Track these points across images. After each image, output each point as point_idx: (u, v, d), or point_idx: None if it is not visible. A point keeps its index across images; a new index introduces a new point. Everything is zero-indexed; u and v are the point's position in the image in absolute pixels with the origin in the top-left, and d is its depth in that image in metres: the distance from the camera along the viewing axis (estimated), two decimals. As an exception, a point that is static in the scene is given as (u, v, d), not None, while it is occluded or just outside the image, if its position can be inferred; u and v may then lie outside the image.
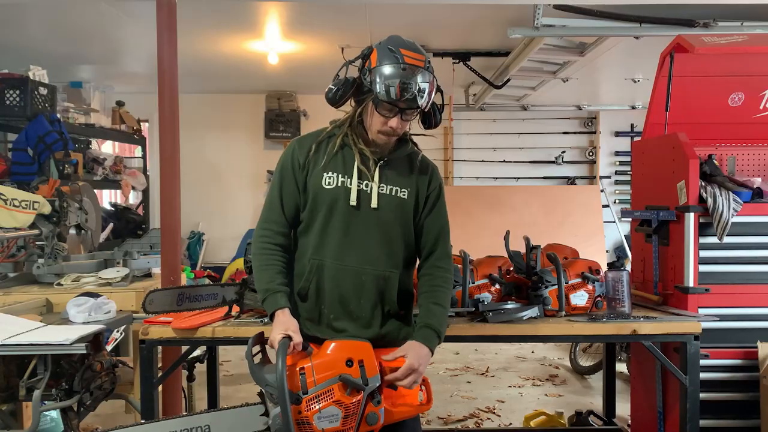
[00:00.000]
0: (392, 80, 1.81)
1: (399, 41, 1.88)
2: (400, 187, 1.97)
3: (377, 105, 1.86)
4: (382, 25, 4.94)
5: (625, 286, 2.62)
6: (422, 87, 1.83)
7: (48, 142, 4.84)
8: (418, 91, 1.83)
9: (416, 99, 1.83)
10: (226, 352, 5.50)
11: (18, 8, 4.45)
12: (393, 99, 1.82)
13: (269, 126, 8.03)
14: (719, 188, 2.78)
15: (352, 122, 1.96)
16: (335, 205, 1.92)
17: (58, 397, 2.39)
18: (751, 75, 3.15)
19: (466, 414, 4.17)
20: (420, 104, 1.85)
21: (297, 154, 1.97)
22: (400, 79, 1.81)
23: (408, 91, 1.82)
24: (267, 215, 1.99)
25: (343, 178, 1.93)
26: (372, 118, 1.89)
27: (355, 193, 1.92)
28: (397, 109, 1.85)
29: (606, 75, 6.51)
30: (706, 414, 2.70)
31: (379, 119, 1.88)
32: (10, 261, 3.42)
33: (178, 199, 3.22)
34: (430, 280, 2.01)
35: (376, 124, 1.89)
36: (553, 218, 7.15)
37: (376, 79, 1.83)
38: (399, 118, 1.87)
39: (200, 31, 5.12)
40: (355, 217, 1.93)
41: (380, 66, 1.83)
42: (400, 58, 1.83)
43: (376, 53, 1.87)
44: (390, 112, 1.86)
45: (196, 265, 7.82)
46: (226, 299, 2.56)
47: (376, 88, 1.83)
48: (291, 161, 1.97)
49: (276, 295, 1.88)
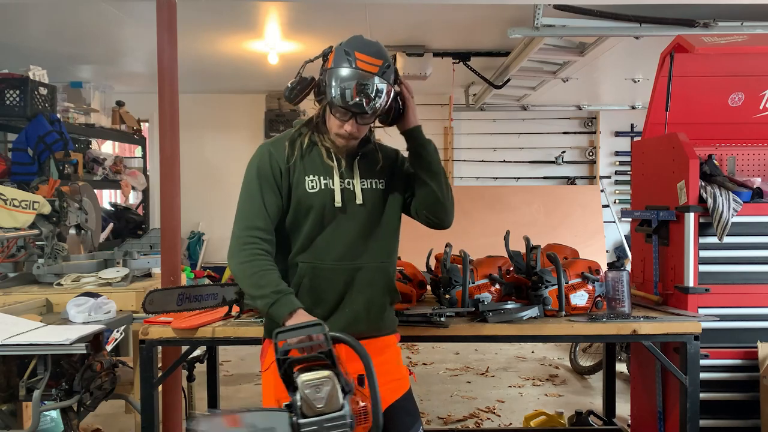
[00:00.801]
0: (343, 84, 1.77)
1: (357, 43, 1.83)
2: (378, 179, 1.99)
3: (331, 108, 1.84)
4: (382, 25, 4.94)
5: (625, 286, 2.62)
6: (369, 93, 1.77)
7: (48, 142, 4.84)
8: (367, 97, 1.77)
9: (363, 105, 1.78)
10: (226, 352, 5.50)
11: (18, 8, 4.45)
12: (343, 103, 1.79)
13: (269, 126, 8.03)
14: (719, 188, 2.78)
15: (317, 122, 1.93)
16: (323, 209, 1.91)
17: (58, 397, 2.39)
18: (751, 75, 3.15)
19: (466, 414, 4.17)
20: (368, 110, 1.79)
21: (276, 160, 1.91)
22: (350, 84, 1.77)
23: (358, 96, 1.77)
24: (250, 221, 1.90)
25: (326, 180, 1.92)
26: (329, 120, 1.88)
27: (339, 194, 1.91)
28: (350, 113, 1.82)
29: (606, 75, 6.51)
30: (706, 414, 2.70)
31: (335, 122, 1.86)
32: (10, 261, 3.42)
33: (178, 199, 3.22)
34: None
35: (332, 127, 1.88)
36: (553, 218, 7.15)
37: (329, 81, 1.80)
38: (354, 122, 1.83)
39: (200, 31, 5.12)
40: (342, 217, 1.93)
41: (334, 68, 1.80)
42: (353, 61, 1.78)
43: (333, 54, 1.83)
44: (344, 115, 1.83)
45: (196, 265, 7.82)
46: (226, 299, 2.56)
47: (330, 91, 1.80)
48: (270, 167, 1.91)
49: (290, 296, 1.82)
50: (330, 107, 1.84)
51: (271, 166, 1.91)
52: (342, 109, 1.81)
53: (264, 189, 1.91)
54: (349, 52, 1.80)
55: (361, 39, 1.85)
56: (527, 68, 5.64)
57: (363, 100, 1.77)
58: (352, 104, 1.78)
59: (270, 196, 1.91)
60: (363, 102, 1.78)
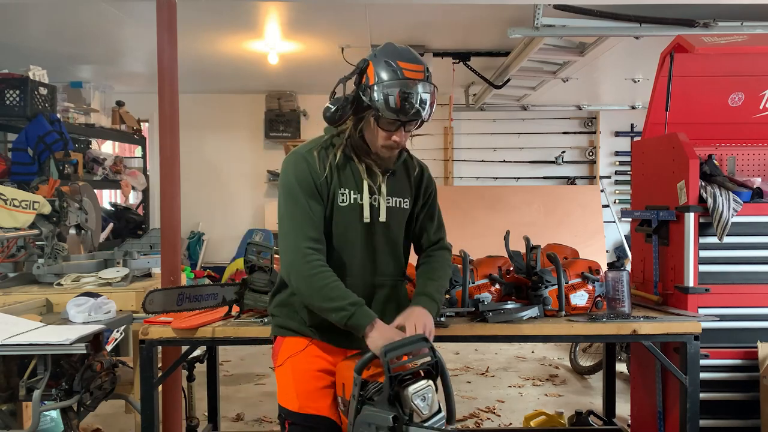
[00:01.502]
0: (394, 96, 1.77)
1: (395, 52, 1.84)
2: (403, 198, 2.00)
3: (379, 120, 1.83)
4: (382, 25, 4.94)
5: (625, 286, 2.62)
6: (424, 99, 1.80)
7: (48, 142, 4.84)
8: (421, 104, 1.79)
9: (419, 112, 1.80)
10: (226, 352, 5.50)
11: (18, 8, 4.45)
12: (396, 115, 1.79)
13: (269, 126, 8.03)
14: (719, 188, 2.78)
15: (352, 136, 1.91)
16: (351, 223, 1.92)
17: (58, 397, 2.39)
18: (751, 75, 3.15)
19: (466, 414, 4.17)
20: (423, 117, 1.82)
21: (315, 170, 1.88)
22: (402, 94, 1.77)
23: (411, 105, 1.78)
24: (305, 232, 1.86)
25: (355, 195, 1.92)
26: (374, 132, 1.87)
27: (368, 210, 1.92)
28: (399, 122, 1.83)
29: (606, 75, 6.51)
30: (706, 414, 2.70)
31: (382, 134, 1.85)
32: (10, 261, 3.42)
33: (178, 199, 3.22)
34: (428, 263, 2.07)
35: (379, 139, 1.87)
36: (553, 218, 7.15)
37: (376, 96, 1.79)
38: (402, 130, 1.85)
39: (200, 31, 5.12)
40: (367, 233, 1.94)
41: (380, 82, 1.79)
42: (399, 72, 1.79)
43: (372, 67, 1.82)
44: (392, 125, 1.83)
45: (196, 265, 7.82)
46: (226, 299, 2.57)
47: (378, 104, 1.79)
48: (310, 176, 1.88)
49: (364, 308, 1.82)
50: (377, 120, 1.83)
51: (311, 175, 1.89)
52: (394, 120, 1.81)
53: (309, 198, 1.88)
54: (391, 63, 1.80)
55: (395, 47, 1.86)
56: (527, 68, 5.65)
57: (418, 107, 1.79)
58: (412, 113, 1.79)
59: (315, 205, 1.89)
60: (419, 109, 1.79)
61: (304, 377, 1.93)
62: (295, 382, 1.94)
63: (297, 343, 1.96)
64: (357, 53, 5.57)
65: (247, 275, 2.54)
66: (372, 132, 1.87)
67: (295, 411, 1.91)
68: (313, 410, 1.90)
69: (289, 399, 1.94)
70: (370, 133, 1.88)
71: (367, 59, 1.86)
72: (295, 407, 1.92)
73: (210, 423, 3.24)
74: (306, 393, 1.92)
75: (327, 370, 1.94)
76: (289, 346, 1.97)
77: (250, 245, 2.57)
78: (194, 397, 3.24)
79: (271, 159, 8.23)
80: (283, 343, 1.99)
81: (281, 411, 1.96)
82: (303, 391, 1.92)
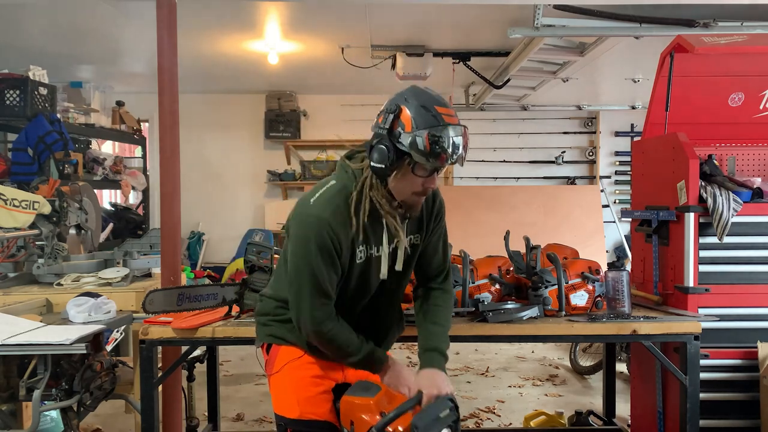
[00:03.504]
0: (438, 143, 1.68)
1: (427, 97, 1.74)
2: (414, 234, 1.94)
3: (416, 168, 1.73)
4: (382, 25, 4.94)
5: (625, 286, 2.62)
6: (462, 143, 1.73)
7: (48, 142, 4.84)
8: (461, 149, 1.73)
9: (460, 156, 1.73)
10: (226, 352, 5.50)
11: (18, 8, 4.45)
12: (437, 161, 1.70)
13: (269, 126, 8.03)
14: (719, 188, 2.78)
15: (370, 182, 1.80)
16: (362, 279, 1.87)
17: (58, 397, 2.39)
18: (751, 75, 3.15)
19: (466, 414, 4.17)
20: (464, 157, 1.75)
21: (338, 234, 1.77)
22: (446, 140, 1.69)
23: (454, 151, 1.70)
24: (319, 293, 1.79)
25: (371, 250, 1.85)
26: (408, 180, 1.76)
27: (386, 267, 1.86)
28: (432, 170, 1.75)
29: (606, 75, 6.51)
30: (706, 414, 2.69)
31: (416, 181, 1.76)
32: (10, 261, 3.42)
33: (178, 199, 3.22)
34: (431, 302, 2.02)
35: (412, 186, 1.77)
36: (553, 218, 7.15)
37: (417, 143, 1.68)
38: (435, 176, 1.77)
39: (200, 31, 5.12)
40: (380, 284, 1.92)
41: (418, 128, 1.69)
42: (440, 119, 1.70)
43: (407, 112, 1.72)
44: (427, 171, 1.75)
45: (196, 265, 7.82)
46: (226, 299, 2.56)
47: (419, 151, 1.69)
48: (332, 245, 1.76)
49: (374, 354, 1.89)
50: (414, 168, 1.73)
51: (332, 243, 1.77)
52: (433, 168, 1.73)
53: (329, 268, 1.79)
54: (429, 108, 1.71)
55: (423, 91, 1.77)
56: (527, 68, 5.64)
57: (460, 152, 1.73)
58: (454, 159, 1.71)
59: (333, 275, 1.80)
60: (461, 154, 1.73)
61: (302, 383, 1.92)
62: (294, 389, 1.92)
63: (293, 352, 1.94)
64: (357, 53, 5.58)
65: (247, 275, 2.54)
66: (404, 180, 1.77)
67: (296, 418, 1.90)
68: (314, 416, 1.90)
69: (288, 406, 1.92)
70: (400, 181, 1.77)
71: (398, 103, 1.74)
72: (295, 414, 1.90)
73: (210, 423, 3.24)
74: (306, 399, 1.91)
75: (323, 375, 1.94)
76: (286, 353, 1.95)
77: (250, 245, 2.57)
78: (194, 397, 3.24)
79: (271, 159, 8.23)
80: (279, 351, 1.97)
81: (280, 420, 1.93)
82: (303, 397, 1.91)
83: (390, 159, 1.73)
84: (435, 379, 1.83)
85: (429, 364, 1.88)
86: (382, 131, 1.74)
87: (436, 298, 2.02)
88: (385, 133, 1.73)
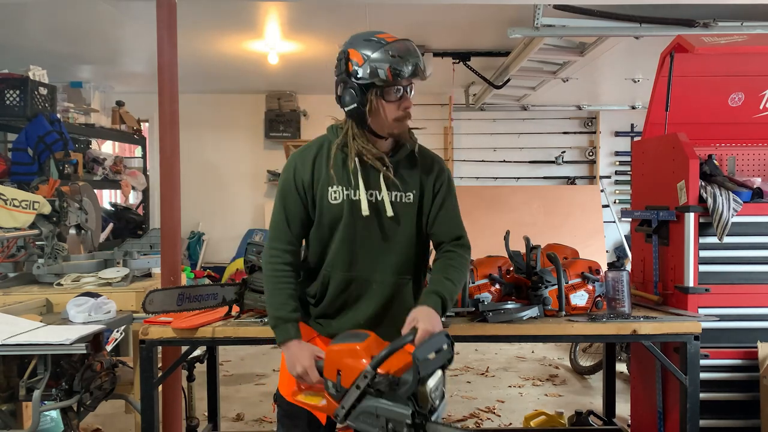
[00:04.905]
0: (390, 61, 1.78)
1: (366, 32, 1.86)
2: (405, 192, 1.95)
3: (385, 94, 1.82)
4: (382, 25, 4.91)
5: (625, 286, 2.62)
6: (416, 54, 1.82)
7: (48, 142, 4.84)
8: (418, 57, 1.82)
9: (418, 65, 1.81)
10: (226, 352, 5.50)
11: (18, 8, 4.45)
12: (399, 76, 1.78)
13: (269, 126, 8.03)
14: (719, 188, 2.78)
15: (351, 133, 1.90)
16: (341, 220, 1.90)
17: (58, 397, 2.39)
18: (751, 75, 3.15)
19: (466, 414, 4.17)
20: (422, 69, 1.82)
21: (300, 172, 1.93)
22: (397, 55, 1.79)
23: (408, 61, 1.79)
24: (273, 234, 1.96)
25: (348, 191, 1.90)
26: (383, 110, 1.84)
27: (366, 203, 1.89)
28: (402, 88, 1.83)
29: (606, 75, 6.51)
30: (706, 414, 2.70)
31: (391, 107, 1.84)
32: (10, 261, 3.42)
33: (178, 199, 3.22)
34: (444, 260, 1.99)
35: (390, 114, 1.85)
36: (553, 218, 7.16)
37: (374, 71, 1.78)
38: (407, 96, 1.85)
39: (200, 31, 5.12)
40: (365, 228, 1.92)
41: (371, 57, 1.79)
42: (383, 41, 1.81)
43: (355, 51, 1.82)
44: (398, 93, 1.83)
45: (196, 265, 7.82)
46: (226, 299, 2.56)
47: (377, 76, 1.78)
48: (294, 179, 1.93)
49: (287, 326, 1.87)
50: (383, 95, 1.82)
51: (295, 179, 1.93)
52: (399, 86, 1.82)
53: (287, 203, 1.95)
54: (371, 38, 1.82)
55: (361, 32, 1.88)
56: (527, 68, 5.65)
57: (415, 61, 1.81)
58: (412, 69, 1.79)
59: (292, 209, 1.94)
60: (417, 62, 1.81)
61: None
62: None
63: (304, 331, 1.95)
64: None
65: (247, 275, 2.54)
66: (379, 112, 1.85)
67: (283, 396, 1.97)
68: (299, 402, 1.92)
69: (284, 383, 1.98)
70: (377, 115, 1.85)
71: (343, 50, 1.86)
72: (284, 392, 1.97)
73: (210, 423, 3.24)
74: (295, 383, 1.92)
75: None
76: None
77: (250, 245, 2.57)
78: (194, 397, 3.24)
79: (271, 159, 8.23)
80: None
81: (277, 397, 2.02)
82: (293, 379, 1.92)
83: (358, 96, 1.82)
84: (430, 316, 1.80)
85: (425, 302, 1.85)
86: (341, 77, 1.85)
87: (449, 258, 1.99)
88: (344, 76, 1.84)
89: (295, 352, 1.83)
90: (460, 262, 1.98)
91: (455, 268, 1.96)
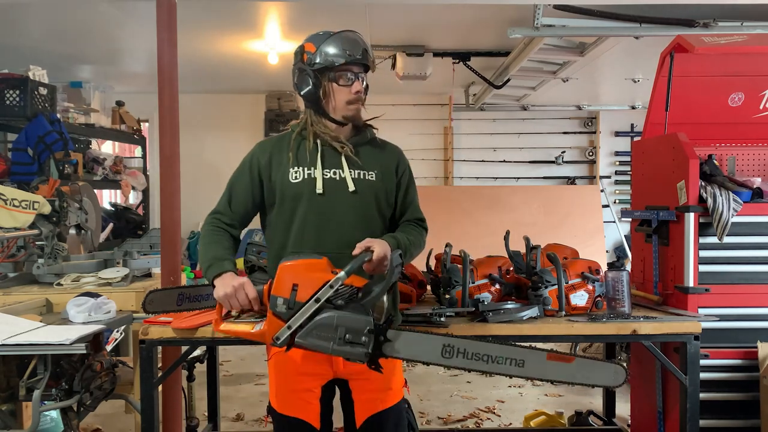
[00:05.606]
0: (338, 45, 1.95)
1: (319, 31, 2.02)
2: (368, 171, 2.05)
3: (337, 78, 1.96)
4: (382, 25, 4.94)
5: (625, 286, 2.62)
6: (362, 41, 1.98)
7: (48, 142, 4.84)
8: (364, 44, 1.98)
9: (366, 51, 1.97)
10: (226, 352, 5.50)
11: (18, 8, 4.45)
12: (348, 58, 1.94)
13: (269, 126, 8.03)
14: (719, 188, 2.78)
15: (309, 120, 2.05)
16: (303, 197, 1.98)
17: (58, 397, 2.39)
18: (751, 75, 3.15)
19: (466, 414, 4.17)
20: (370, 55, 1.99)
21: (258, 155, 2.07)
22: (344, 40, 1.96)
23: (355, 46, 1.96)
24: (217, 207, 2.11)
25: (309, 170, 2.00)
26: (336, 95, 1.99)
27: (321, 181, 1.98)
28: (353, 74, 1.97)
29: (606, 75, 6.51)
30: (706, 414, 2.69)
31: (343, 91, 1.98)
32: (10, 261, 3.42)
33: (178, 199, 3.22)
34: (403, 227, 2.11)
35: (343, 98, 1.99)
36: (553, 218, 7.15)
37: (326, 55, 1.95)
38: (358, 81, 1.99)
39: (200, 31, 5.12)
40: (328, 205, 1.98)
41: (322, 44, 1.96)
42: (330, 32, 1.98)
43: (307, 44, 1.99)
44: (349, 78, 1.97)
45: (196, 265, 7.81)
46: (226, 299, 2.56)
47: (328, 60, 1.94)
48: (250, 162, 2.08)
49: (222, 262, 1.95)
50: (334, 79, 1.97)
51: (251, 161, 2.08)
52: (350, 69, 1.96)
53: (239, 180, 2.09)
54: (319, 33, 2.00)
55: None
56: (527, 68, 5.64)
57: (363, 47, 1.98)
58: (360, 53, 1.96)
59: (238, 190, 2.08)
60: (364, 49, 1.97)
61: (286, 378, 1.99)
62: (276, 382, 2.00)
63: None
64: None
65: (247, 275, 2.53)
66: (334, 95, 1.99)
67: (275, 408, 2.01)
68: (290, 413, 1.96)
69: (272, 394, 2.03)
70: (331, 98, 2.00)
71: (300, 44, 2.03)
72: (275, 404, 2.01)
73: (210, 423, 3.24)
74: (284, 394, 1.97)
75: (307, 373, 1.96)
76: None
77: (250, 245, 2.56)
78: (194, 397, 3.24)
79: (271, 159, 8.22)
80: None
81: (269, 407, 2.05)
82: (283, 392, 1.97)
83: (313, 80, 1.98)
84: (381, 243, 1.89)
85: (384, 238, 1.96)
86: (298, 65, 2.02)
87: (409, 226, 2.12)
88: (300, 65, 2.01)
89: (229, 279, 1.90)
90: (419, 231, 2.12)
91: (413, 234, 2.09)
